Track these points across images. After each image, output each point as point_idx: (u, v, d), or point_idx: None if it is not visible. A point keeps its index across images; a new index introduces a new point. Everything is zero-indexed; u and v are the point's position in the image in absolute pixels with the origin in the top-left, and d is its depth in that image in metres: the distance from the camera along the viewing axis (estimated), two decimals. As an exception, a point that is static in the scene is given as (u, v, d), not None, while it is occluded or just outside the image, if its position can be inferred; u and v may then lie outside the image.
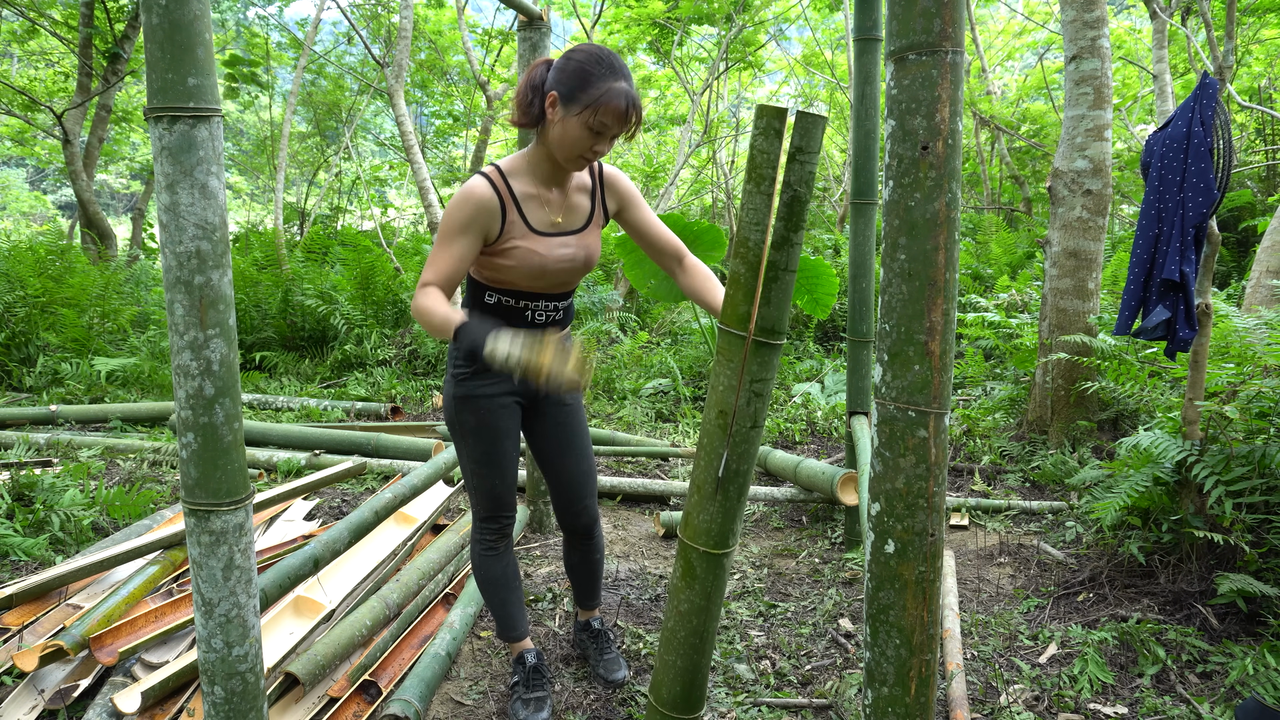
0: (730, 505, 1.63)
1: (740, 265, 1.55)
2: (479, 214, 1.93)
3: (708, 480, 1.62)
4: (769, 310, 1.54)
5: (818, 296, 5.76)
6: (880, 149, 1.86)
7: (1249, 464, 2.54)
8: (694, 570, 1.66)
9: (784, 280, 1.54)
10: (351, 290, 7.17)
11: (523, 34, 3.25)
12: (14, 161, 23.09)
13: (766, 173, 1.50)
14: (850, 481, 3.38)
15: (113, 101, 9.82)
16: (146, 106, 1.35)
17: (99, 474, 4.05)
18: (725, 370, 1.58)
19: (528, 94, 1.94)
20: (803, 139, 1.47)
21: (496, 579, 2.29)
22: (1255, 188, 8.83)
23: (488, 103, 11.10)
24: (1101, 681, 2.38)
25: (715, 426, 1.60)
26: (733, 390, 1.57)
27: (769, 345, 1.56)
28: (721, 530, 1.64)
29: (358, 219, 14.80)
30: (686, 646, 1.69)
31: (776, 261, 1.52)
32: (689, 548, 1.66)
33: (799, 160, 1.48)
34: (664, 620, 1.73)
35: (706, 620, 1.69)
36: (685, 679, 1.71)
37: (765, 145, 1.49)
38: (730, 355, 1.58)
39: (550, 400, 2.24)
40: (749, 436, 1.60)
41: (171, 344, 1.41)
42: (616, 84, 1.84)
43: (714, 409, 1.60)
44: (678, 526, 1.73)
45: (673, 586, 1.70)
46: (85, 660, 2.29)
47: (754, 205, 1.52)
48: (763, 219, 1.52)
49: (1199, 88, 2.56)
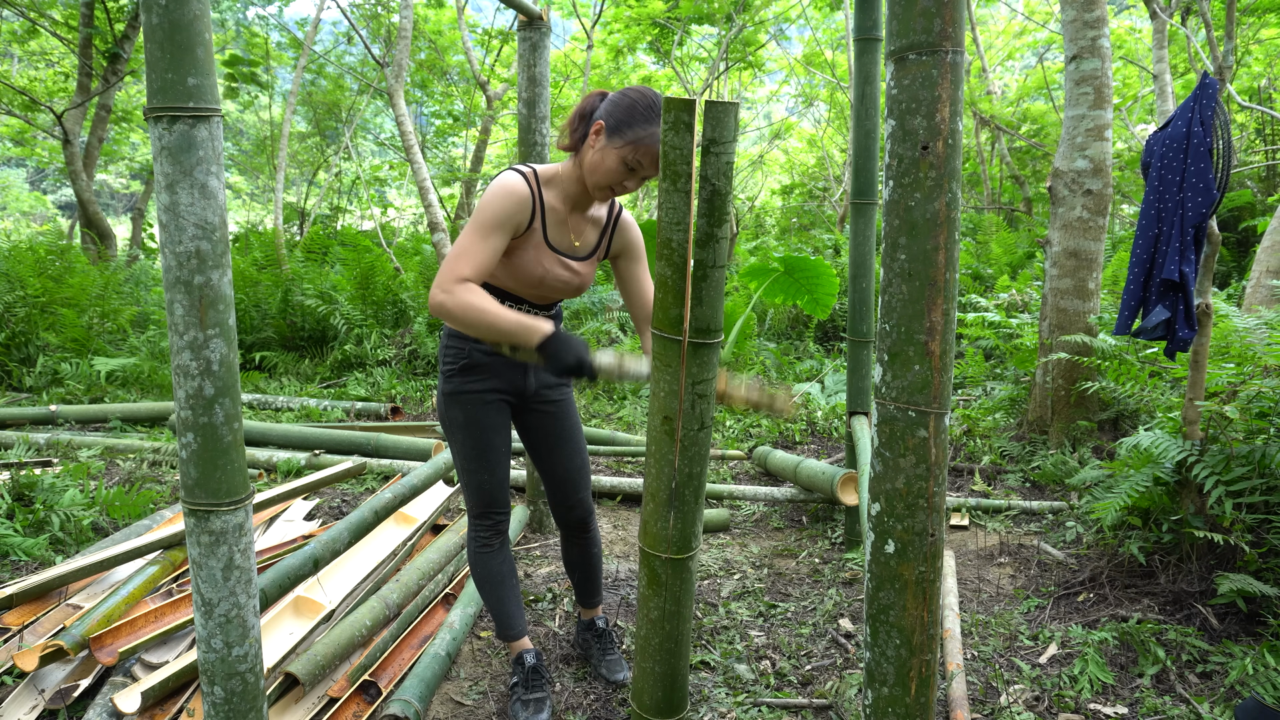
0: (688, 509, 1.62)
1: (666, 267, 1.52)
2: (519, 210, 1.96)
3: (661, 487, 1.60)
4: (702, 310, 1.52)
5: (818, 296, 5.75)
6: (880, 149, 1.86)
7: (1249, 464, 2.54)
8: (659, 578, 1.65)
9: (713, 277, 1.52)
10: (351, 290, 7.17)
11: (523, 34, 3.25)
12: (14, 161, 23.09)
13: (681, 169, 1.47)
14: (850, 481, 3.38)
15: (113, 101, 9.82)
16: (146, 106, 1.34)
17: (99, 474, 4.05)
18: (664, 375, 1.56)
19: (576, 120, 2.02)
20: (715, 129, 1.44)
21: (492, 576, 2.29)
22: (1255, 188, 8.83)
23: (488, 103, 11.11)
24: (1101, 681, 2.38)
25: (662, 433, 1.58)
26: (675, 395, 1.55)
27: (706, 345, 1.54)
28: (683, 535, 1.62)
29: (358, 219, 14.80)
30: (663, 652, 1.68)
31: (704, 259, 1.50)
32: (651, 556, 1.64)
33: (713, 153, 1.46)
34: (636, 628, 1.72)
35: (679, 624, 1.68)
36: (665, 684, 1.70)
37: (676, 140, 1.46)
38: (668, 360, 1.56)
39: (540, 397, 2.26)
40: (698, 439, 1.59)
41: (171, 344, 1.41)
42: (659, 130, 1.89)
43: (658, 415, 1.58)
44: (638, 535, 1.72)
45: (641, 595, 1.69)
46: (85, 660, 2.29)
47: (672, 204, 1.49)
48: (683, 218, 1.49)
49: (1199, 88, 2.56)
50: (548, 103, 3.27)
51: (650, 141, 1.90)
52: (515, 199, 1.95)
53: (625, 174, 1.94)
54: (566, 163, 2.05)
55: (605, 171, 1.95)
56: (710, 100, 1.43)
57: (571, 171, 2.04)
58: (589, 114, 2.00)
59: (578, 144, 2.01)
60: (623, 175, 1.95)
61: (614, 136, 1.92)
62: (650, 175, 1.96)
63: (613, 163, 1.93)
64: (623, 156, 1.92)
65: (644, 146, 1.90)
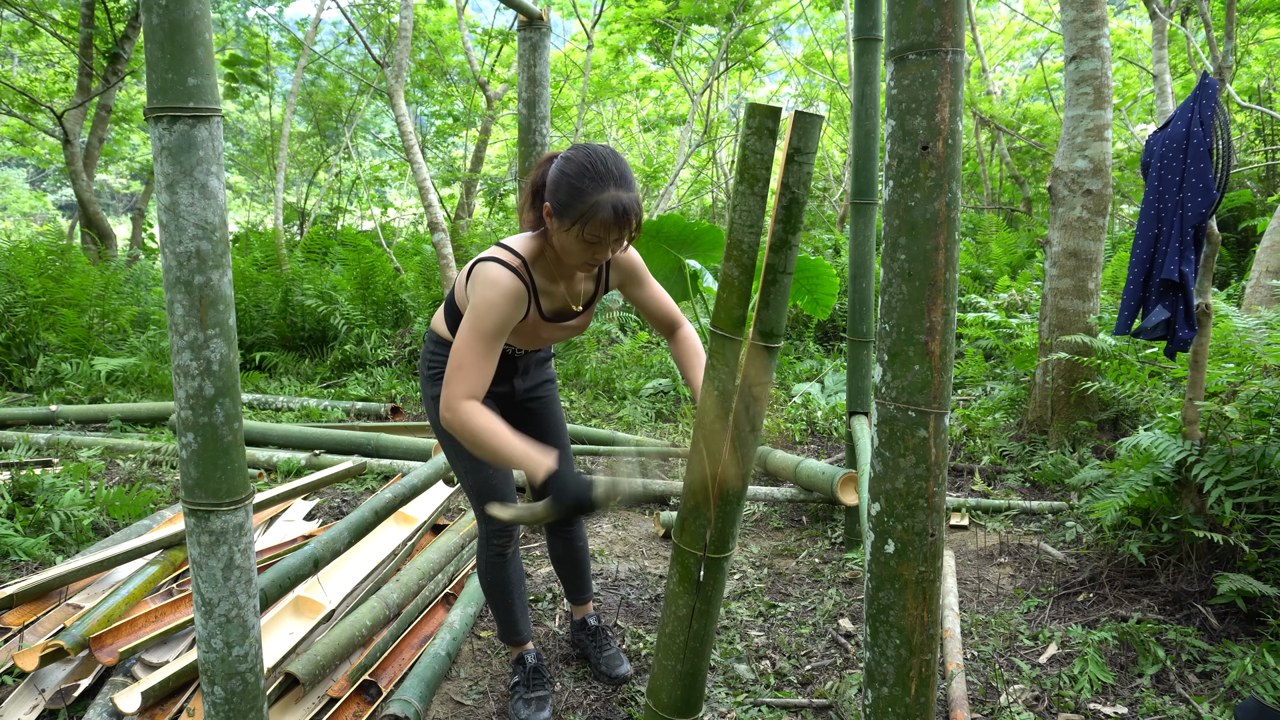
0: (730, 509, 1.62)
1: (734, 268, 1.52)
2: (517, 310, 1.88)
3: (704, 487, 1.60)
4: (768, 313, 1.52)
5: (818, 296, 5.76)
6: (880, 149, 1.86)
7: (1249, 464, 2.54)
8: (692, 575, 1.64)
9: (782, 283, 1.51)
10: (351, 290, 7.17)
11: (523, 34, 3.26)
12: (14, 161, 23.09)
13: (760, 174, 1.48)
14: (850, 481, 3.38)
15: (113, 101, 9.82)
16: (146, 106, 1.35)
17: (99, 474, 4.05)
18: (720, 374, 1.56)
19: (530, 197, 1.93)
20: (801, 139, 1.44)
21: (503, 585, 2.29)
22: (1255, 188, 8.83)
23: (488, 103, 11.11)
24: (1101, 681, 2.38)
25: (712, 432, 1.58)
26: (729, 395, 1.55)
27: (767, 349, 1.54)
28: (721, 535, 1.62)
29: (358, 219, 14.80)
30: (688, 651, 1.68)
31: (775, 264, 1.50)
32: (686, 553, 1.64)
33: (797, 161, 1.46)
34: (661, 625, 1.71)
35: (707, 623, 1.68)
36: (686, 682, 1.70)
37: (759, 145, 1.47)
38: (725, 359, 1.55)
39: (525, 395, 2.28)
40: (747, 440, 1.58)
41: (171, 344, 1.41)
42: (605, 194, 1.76)
43: (710, 414, 1.57)
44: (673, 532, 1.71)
45: (671, 592, 1.69)
46: (85, 660, 2.29)
47: (747, 207, 1.49)
48: (756, 220, 1.50)
49: (1198, 88, 2.56)
50: (548, 103, 3.27)
51: (597, 211, 1.76)
52: (513, 301, 1.86)
53: (589, 249, 1.82)
54: (542, 240, 1.95)
55: (571, 253, 1.85)
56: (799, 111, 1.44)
57: (551, 250, 1.94)
58: (540, 189, 1.89)
59: (538, 223, 1.92)
60: (589, 252, 1.83)
61: (562, 217, 1.80)
62: (617, 240, 1.82)
63: (572, 243, 1.82)
64: (577, 236, 1.80)
65: (594, 219, 1.77)
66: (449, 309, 2.11)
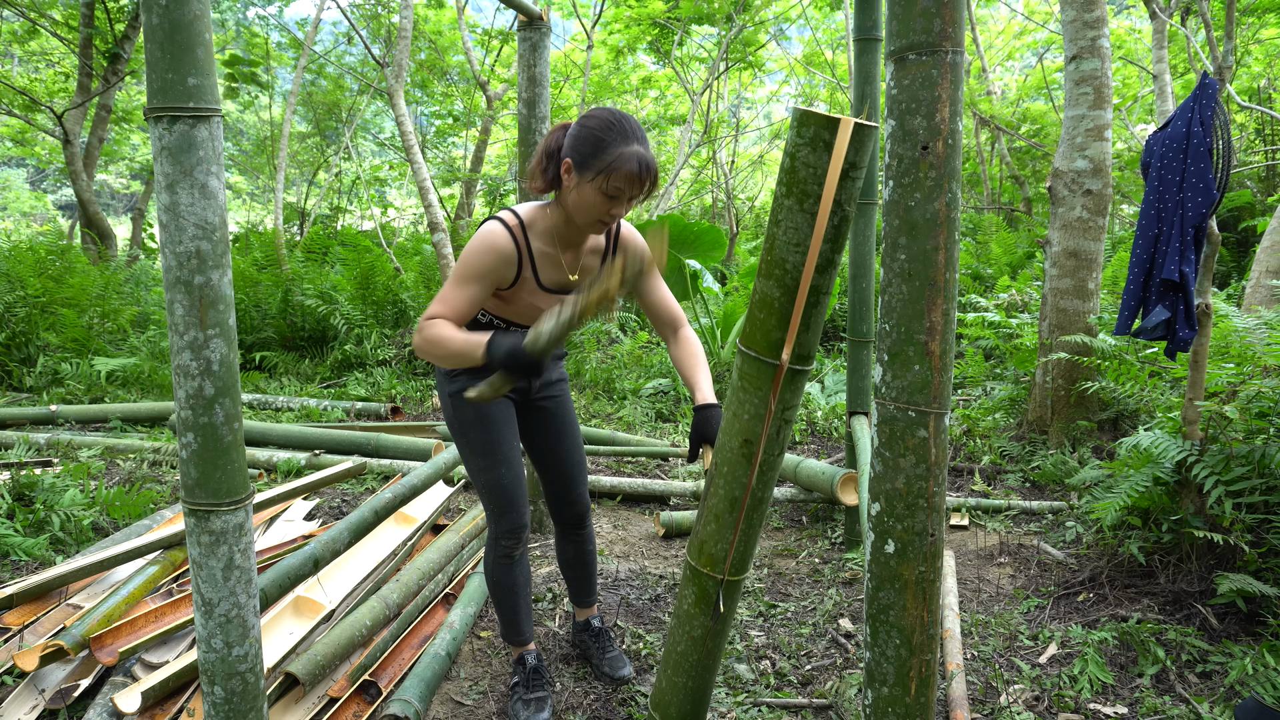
0: (753, 532, 1.58)
1: (775, 288, 1.42)
2: (498, 265, 1.94)
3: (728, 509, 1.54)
4: (807, 336, 1.44)
5: (818, 296, 5.73)
6: (880, 149, 1.86)
7: (1249, 464, 2.54)
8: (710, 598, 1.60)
9: (823, 305, 1.44)
10: (351, 290, 7.17)
11: (523, 34, 3.26)
12: (14, 161, 23.09)
13: (811, 189, 1.35)
14: (850, 481, 3.38)
15: (113, 101, 9.82)
16: (146, 106, 1.35)
17: (99, 474, 4.05)
18: (752, 398, 1.48)
19: (544, 159, 1.96)
20: (858, 153, 1.34)
21: (510, 585, 2.29)
22: (1255, 188, 8.82)
23: (488, 103, 11.11)
24: (1101, 681, 2.38)
25: (740, 456, 1.51)
26: (759, 419, 1.48)
27: (801, 372, 1.48)
28: (742, 557, 1.59)
29: (358, 219, 14.80)
30: (699, 669, 1.66)
31: (819, 286, 1.40)
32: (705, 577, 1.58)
33: (851, 177, 1.35)
34: (672, 643, 1.68)
35: (720, 641, 1.66)
36: (695, 698, 1.69)
37: (812, 159, 1.34)
38: (758, 382, 1.47)
39: (540, 395, 2.29)
40: (774, 464, 1.53)
41: (171, 344, 1.41)
42: (629, 148, 1.83)
43: (737, 437, 1.50)
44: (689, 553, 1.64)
45: (685, 613, 1.64)
46: (85, 660, 2.29)
47: (795, 224, 1.38)
48: (804, 239, 1.37)
49: (1198, 88, 2.56)
50: (548, 103, 3.27)
51: (622, 163, 1.82)
52: (495, 254, 1.92)
53: (608, 204, 1.87)
54: (551, 205, 2.00)
55: (588, 207, 1.88)
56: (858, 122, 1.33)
57: (558, 212, 1.98)
58: (555, 152, 1.93)
59: (551, 184, 1.96)
60: (606, 206, 1.87)
61: (584, 170, 1.85)
62: (636, 195, 1.88)
63: (591, 197, 1.86)
64: (598, 188, 1.85)
65: (616, 171, 1.82)
66: None
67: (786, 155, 1.38)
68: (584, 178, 1.86)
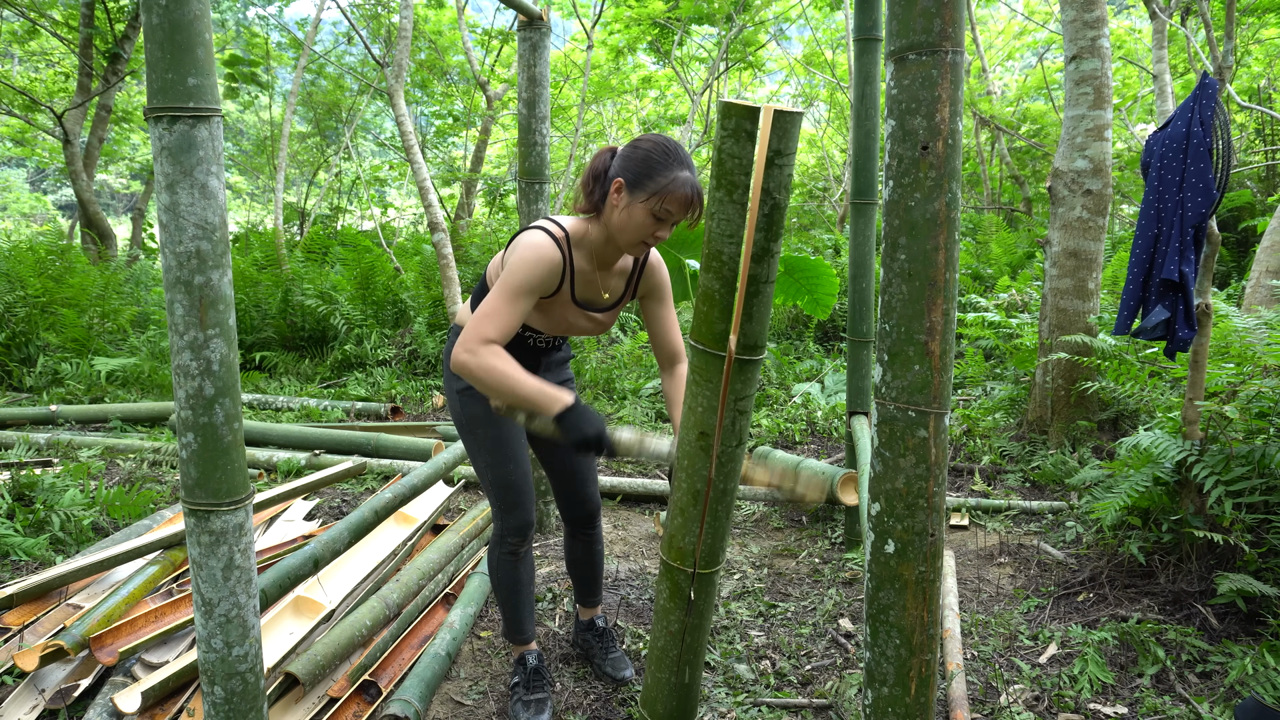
0: (719, 524, 1.58)
1: (714, 280, 1.46)
2: (550, 276, 1.94)
3: (691, 502, 1.56)
4: (751, 326, 1.47)
5: (818, 296, 5.75)
6: (880, 149, 1.86)
7: (1249, 464, 2.54)
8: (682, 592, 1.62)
9: (764, 294, 1.46)
10: (351, 290, 7.17)
11: (523, 34, 3.26)
12: (14, 162, 23.09)
13: (739, 179, 1.40)
14: (850, 481, 3.38)
15: (113, 101, 9.82)
16: (146, 106, 1.35)
17: (99, 474, 4.05)
18: (704, 390, 1.51)
19: (590, 180, 1.98)
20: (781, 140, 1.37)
21: (514, 583, 2.29)
22: (1255, 188, 8.82)
23: (488, 103, 11.10)
24: (1101, 681, 2.38)
25: (697, 449, 1.53)
26: (713, 411, 1.50)
27: (751, 362, 1.49)
28: (711, 550, 1.60)
29: (358, 219, 14.79)
30: (682, 663, 1.67)
31: (757, 275, 1.44)
32: (677, 570, 1.61)
33: (777, 165, 1.39)
34: (652, 639, 1.70)
35: (699, 636, 1.67)
36: (681, 693, 1.69)
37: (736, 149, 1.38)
38: (708, 375, 1.50)
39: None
40: (734, 455, 1.55)
41: (171, 344, 1.41)
42: (681, 173, 1.86)
43: (694, 430, 1.53)
44: (661, 548, 1.66)
45: (661, 608, 1.66)
46: (85, 660, 2.29)
47: (726, 215, 1.42)
48: (737, 230, 1.42)
49: (1198, 88, 2.56)
50: (548, 103, 3.27)
51: (675, 187, 1.85)
52: (546, 265, 1.92)
53: (655, 225, 1.90)
54: (592, 223, 2.01)
55: (635, 228, 1.91)
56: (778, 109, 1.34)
57: (599, 232, 2.00)
58: (603, 173, 1.96)
59: (597, 205, 1.98)
60: (653, 227, 1.90)
61: (636, 191, 1.88)
62: (680, 219, 1.93)
63: (641, 217, 1.89)
64: (650, 209, 1.87)
65: (670, 194, 1.85)
66: (477, 300, 2.13)
67: (714, 149, 1.41)
68: (635, 198, 1.88)
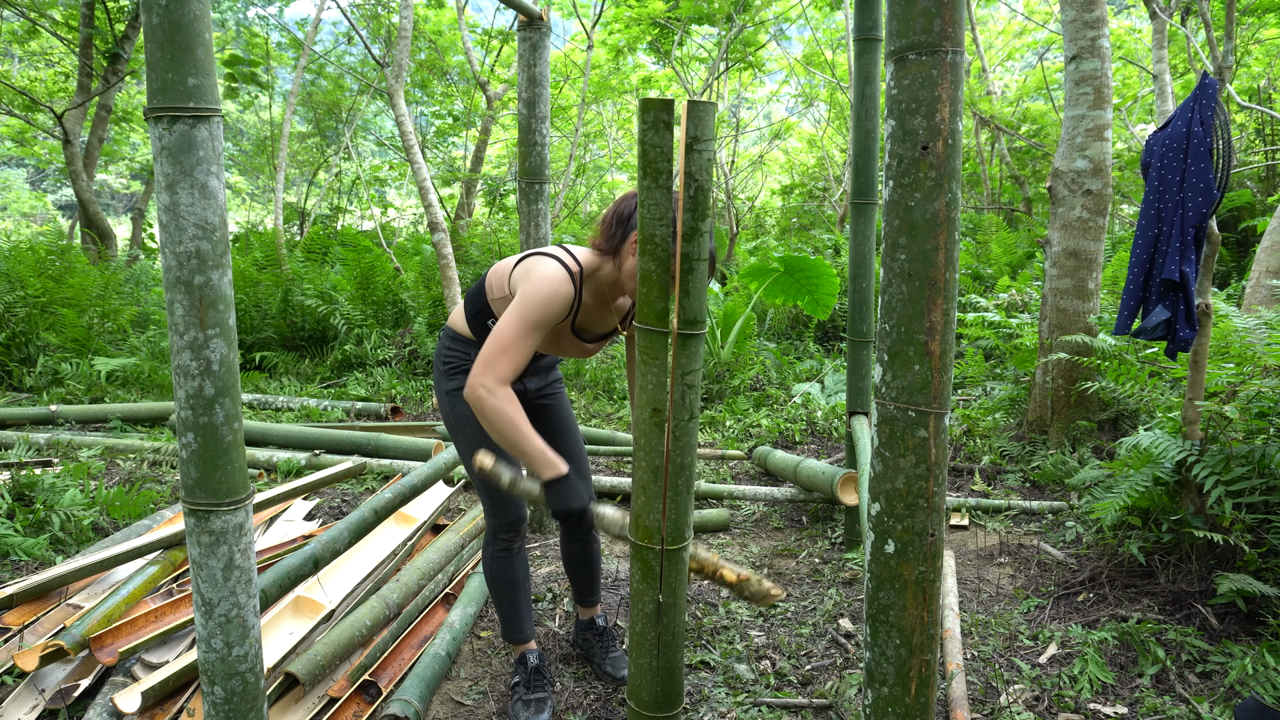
0: (681, 499, 1.64)
1: (650, 262, 1.57)
2: (562, 311, 1.98)
3: (651, 480, 1.63)
4: (689, 302, 1.57)
5: (818, 296, 5.76)
6: (880, 149, 1.86)
7: (1249, 464, 2.54)
8: (653, 570, 1.66)
9: (699, 270, 1.57)
10: (351, 290, 7.17)
11: (523, 34, 3.26)
12: (14, 162, 23.09)
13: (662, 166, 1.53)
14: (850, 481, 3.38)
15: (113, 101, 9.82)
16: (146, 106, 1.35)
17: (99, 474, 4.05)
18: (653, 368, 1.60)
19: (613, 224, 2.01)
20: (697, 128, 1.49)
21: (508, 581, 2.30)
22: (1255, 188, 8.82)
23: (488, 103, 11.10)
24: (1101, 681, 2.38)
25: (651, 425, 1.61)
26: (663, 387, 1.60)
27: (693, 336, 1.58)
28: (676, 526, 1.64)
29: (358, 219, 14.79)
30: (660, 646, 1.69)
31: (689, 253, 1.55)
32: (644, 550, 1.66)
33: (696, 150, 1.50)
34: (631, 624, 1.72)
35: (675, 616, 1.68)
36: (664, 677, 1.70)
37: (657, 140, 1.51)
38: (655, 352, 1.60)
39: (538, 395, 2.32)
40: (688, 429, 1.62)
41: (171, 344, 1.41)
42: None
43: (647, 408, 1.62)
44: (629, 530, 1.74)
45: (635, 590, 1.70)
46: (85, 660, 2.29)
47: (655, 201, 1.54)
48: (665, 213, 1.55)
49: (1199, 88, 2.56)
50: (548, 103, 3.27)
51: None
52: (561, 301, 1.96)
53: None
54: (606, 261, 2.04)
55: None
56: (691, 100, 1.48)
57: (611, 273, 2.04)
58: (626, 219, 2.00)
59: (615, 248, 2.01)
60: None
61: None
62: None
63: None
64: None
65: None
66: (473, 305, 2.14)
67: (639, 141, 1.54)
68: None
